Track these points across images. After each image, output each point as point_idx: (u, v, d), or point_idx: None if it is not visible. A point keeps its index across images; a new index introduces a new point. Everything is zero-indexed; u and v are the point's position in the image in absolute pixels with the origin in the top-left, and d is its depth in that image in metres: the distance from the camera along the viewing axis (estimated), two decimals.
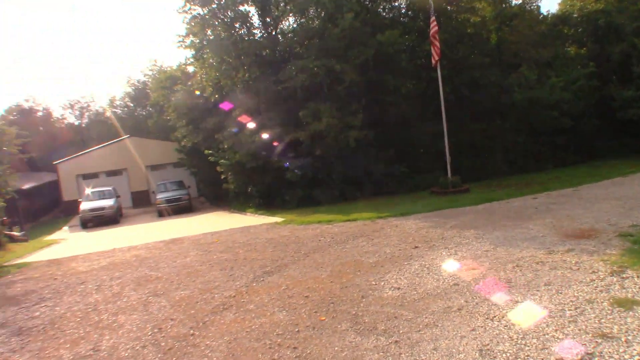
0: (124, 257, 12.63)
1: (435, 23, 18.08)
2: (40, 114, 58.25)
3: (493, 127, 23.33)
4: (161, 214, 26.64)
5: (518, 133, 23.62)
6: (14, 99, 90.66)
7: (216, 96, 24.44)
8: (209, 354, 5.70)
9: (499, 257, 8.18)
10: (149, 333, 6.66)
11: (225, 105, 24.16)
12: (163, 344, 6.21)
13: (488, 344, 5.00)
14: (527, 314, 5.66)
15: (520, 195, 15.02)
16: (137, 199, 36.07)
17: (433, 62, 18.46)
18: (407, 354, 5.03)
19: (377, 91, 21.32)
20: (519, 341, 4.98)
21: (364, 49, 20.61)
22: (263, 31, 23.75)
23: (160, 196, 27.69)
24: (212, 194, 32.09)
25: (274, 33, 23.63)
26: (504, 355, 4.74)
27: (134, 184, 36.55)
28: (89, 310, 8.14)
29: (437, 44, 18.08)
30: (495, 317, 5.68)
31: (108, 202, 26.38)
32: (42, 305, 8.85)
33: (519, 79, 23.27)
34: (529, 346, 4.85)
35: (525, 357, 4.64)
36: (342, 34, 20.47)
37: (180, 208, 26.85)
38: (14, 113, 52.21)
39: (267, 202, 22.22)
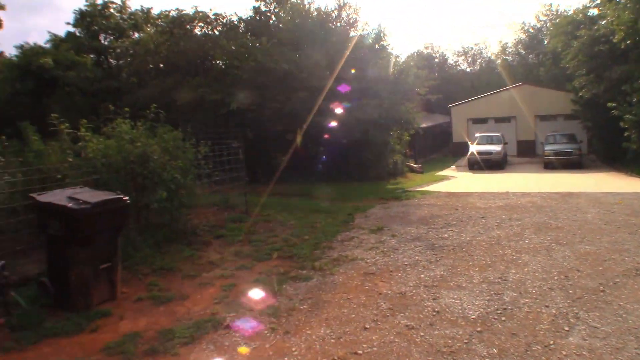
0: (518, 201, 12.88)
1: None
2: (436, 60, 62.69)
3: None
4: (547, 166, 25.89)
5: None
6: (415, 46, 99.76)
7: (628, 42, 21.60)
8: (624, 315, 5.46)
9: None
10: (555, 278, 6.73)
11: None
12: (571, 291, 6.21)
13: None
14: None
15: None
16: (522, 148, 35.79)
17: None
18: None
19: None
20: None
21: None
22: None
23: (549, 148, 26.82)
24: (605, 152, 29.28)
25: None
26: None
27: (521, 132, 36.23)
28: (493, 243, 8.70)
29: None
30: None
31: (495, 148, 27.07)
32: (449, 229, 9.88)
33: None
34: None
35: None
36: None
37: (569, 163, 25.49)
38: (415, 59, 57.50)
39: None
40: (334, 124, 17.79)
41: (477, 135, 30.32)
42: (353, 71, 18.86)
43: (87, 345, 5.21)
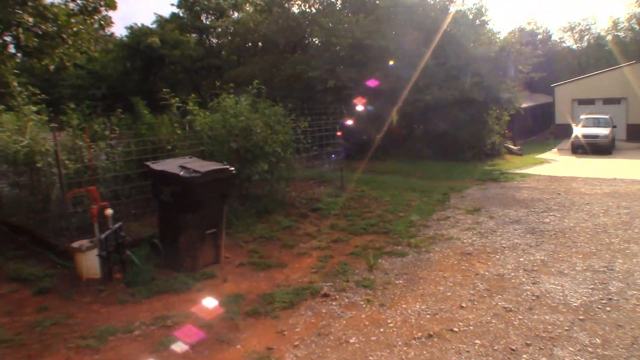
0: (627, 188, 12.05)
1: None
2: (539, 37, 59.17)
3: None
4: None
5: None
6: (517, 22, 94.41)
7: None
8: None
9: None
10: None
11: None
12: None
13: None
14: None
15: None
16: (632, 132, 33.19)
17: None
18: None
19: None
20: None
21: None
22: None
23: None
24: None
25: None
26: None
27: (632, 115, 33.60)
28: (598, 230, 8.27)
29: None
30: None
31: (602, 131, 25.34)
32: (550, 214, 9.50)
33: None
34: None
35: None
36: None
37: None
38: (517, 35, 54.48)
39: None
40: (430, 102, 17.47)
41: (582, 117, 28.49)
42: (451, 48, 18.34)
43: (194, 303, 5.60)
